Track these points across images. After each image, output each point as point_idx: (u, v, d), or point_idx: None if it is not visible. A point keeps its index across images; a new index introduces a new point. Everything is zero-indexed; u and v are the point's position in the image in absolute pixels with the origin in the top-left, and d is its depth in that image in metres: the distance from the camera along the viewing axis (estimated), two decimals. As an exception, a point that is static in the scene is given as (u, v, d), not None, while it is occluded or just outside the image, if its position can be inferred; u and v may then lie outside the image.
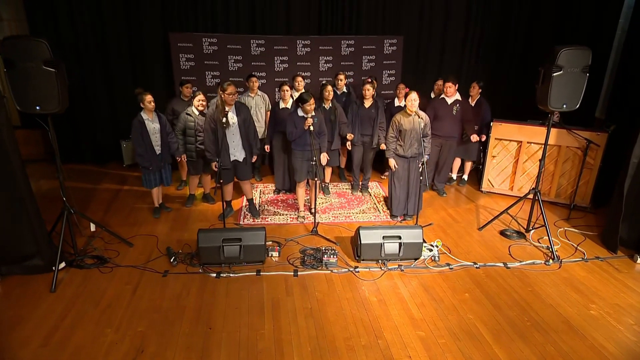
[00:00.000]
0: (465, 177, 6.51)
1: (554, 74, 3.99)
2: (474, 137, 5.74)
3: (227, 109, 4.57)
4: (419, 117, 4.71)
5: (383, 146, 5.67)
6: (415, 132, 4.77)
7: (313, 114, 4.76)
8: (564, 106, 4.11)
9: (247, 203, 5.32)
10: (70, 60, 6.59)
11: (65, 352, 2.99)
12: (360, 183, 6.06)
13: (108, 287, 3.74)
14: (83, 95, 6.81)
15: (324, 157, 4.95)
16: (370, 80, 5.62)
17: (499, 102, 7.30)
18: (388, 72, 7.28)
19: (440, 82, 6.15)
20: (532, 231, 4.86)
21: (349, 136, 5.51)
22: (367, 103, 5.51)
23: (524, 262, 4.27)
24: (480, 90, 6.00)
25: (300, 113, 4.80)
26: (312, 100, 4.69)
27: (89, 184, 6.25)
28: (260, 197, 5.86)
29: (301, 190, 5.17)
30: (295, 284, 3.83)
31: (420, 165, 4.77)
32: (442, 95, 5.66)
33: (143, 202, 5.54)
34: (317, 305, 3.54)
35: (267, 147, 5.71)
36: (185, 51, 6.61)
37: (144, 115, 4.82)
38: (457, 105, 5.59)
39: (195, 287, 3.77)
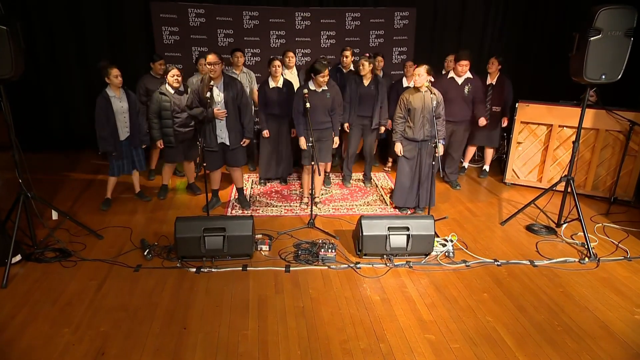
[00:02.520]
0: (487, 167, 6.32)
1: (591, 39, 3.80)
2: (482, 121, 5.54)
3: (212, 82, 4.44)
4: (431, 92, 4.53)
5: (383, 128, 5.56)
6: (427, 110, 4.59)
7: (325, 87, 4.64)
8: (603, 77, 3.92)
9: (237, 193, 5.18)
10: (39, 35, 6.54)
11: (13, 354, 2.86)
12: (363, 172, 5.89)
13: (69, 283, 3.62)
14: (55, 75, 6.74)
15: (336, 139, 4.89)
16: (368, 55, 5.47)
17: (526, 81, 7.12)
18: (399, 49, 7.12)
19: (451, 58, 5.94)
20: (564, 226, 4.67)
21: (345, 126, 5.42)
22: (366, 80, 5.36)
23: (554, 260, 4.09)
24: (500, 67, 5.81)
25: (312, 86, 4.66)
26: (326, 72, 4.60)
27: (58, 173, 6.17)
28: (252, 188, 5.71)
29: (308, 176, 5.04)
30: (286, 281, 3.69)
31: (434, 148, 4.59)
32: (451, 74, 5.47)
33: (119, 192, 5.41)
34: (310, 304, 3.39)
35: (266, 133, 5.41)
36: (169, 23, 6.50)
37: (109, 92, 4.68)
38: (469, 84, 5.40)
39: (170, 283, 3.64)
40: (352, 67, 5.94)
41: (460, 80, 5.39)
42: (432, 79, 5.50)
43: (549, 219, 4.90)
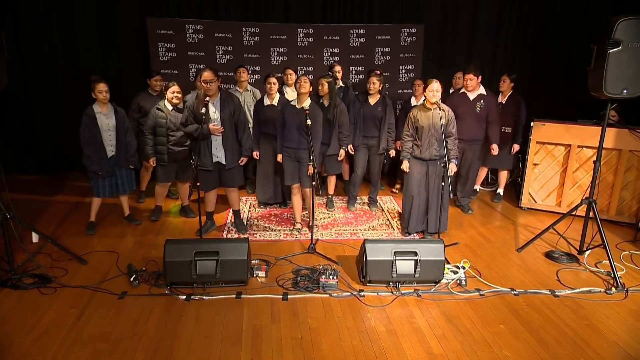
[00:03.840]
0: (501, 190, 6.22)
1: (611, 51, 3.77)
2: (494, 149, 5.48)
3: (207, 98, 4.42)
4: (440, 109, 4.48)
5: (392, 152, 5.51)
6: (435, 129, 4.55)
7: (305, 106, 4.62)
8: (624, 92, 3.87)
9: (233, 216, 5.10)
10: (29, 49, 6.60)
11: (-19, 387, 2.73)
12: (368, 196, 5.81)
13: (47, 311, 3.51)
14: (44, 92, 6.77)
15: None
16: (378, 72, 5.47)
17: (541, 99, 7.10)
18: (406, 67, 7.15)
19: (459, 75, 5.94)
20: (587, 253, 4.54)
21: (350, 148, 5.37)
22: (373, 99, 5.34)
23: (577, 290, 3.95)
24: (512, 84, 5.79)
25: (294, 101, 4.71)
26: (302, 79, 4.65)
27: (43, 195, 6.13)
28: (249, 211, 5.63)
29: (296, 198, 4.95)
30: (283, 310, 3.57)
31: (443, 168, 4.51)
32: (463, 90, 5.44)
33: (106, 215, 5.35)
34: (309, 334, 3.26)
35: (255, 154, 5.34)
36: (165, 39, 6.57)
37: (96, 108, 4.66)
38: (482, 101, 5.36)
39: (157, 311, 3.53)
40: (341, 84, 5.93)
41: (472, 96, 5.36)
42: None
43: (570, 245, 4.77)
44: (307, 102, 4.65)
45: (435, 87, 4.51)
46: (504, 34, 7.31)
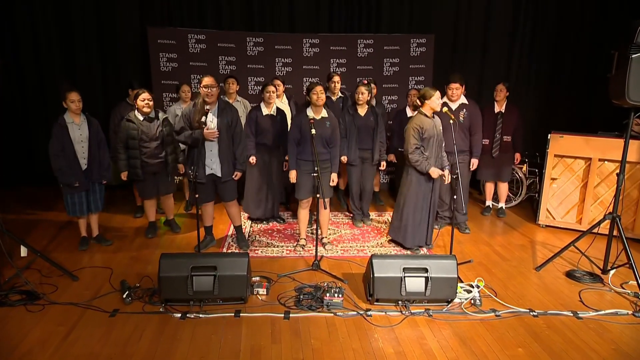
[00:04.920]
0: (502, 205, 6.17)
1: (633, 56, 3.70)
2: (474, 162, 5.40)
3: (207, 107, 4.39)
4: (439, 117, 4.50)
5: (383, 165, 5.53)
6: (440, 138, 4.60)
7: (325, 114, 4.61)
8: (648, 99, 3.78)
9: (235, 232, 5.01)
10: (27, 59, 6.65)
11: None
12: (360, 210, 5.73)
13: (33, 329, 3.42)
14: (41, 103, 6.80)
15: (334, 176, 4.77)
16: (366, 82, 5.41)
17: (559, 110, 7.03)
18: (416, 78, 7.12)
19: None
20: (612, 272, 4.39)
21: (343, 158, 5.27)
22: (362, 110, 5.31)
23: (602, 312, 3.81)
24: (507, 94, 5.79)
25: (310, 114, 4.61)
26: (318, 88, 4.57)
27: (36, 210, 6.10)
28: (251, 226, 5.55)
29: (304, 212, 4.87)
30: (285, 329, 3.46)
31: (455, 180, 4.44)
32: (444, 100, 5.26)
33: (101, 230, 5.28)
34: (311, 355, 3.15)
35: (252, 159, 5.21)
36: (167, 49, 6.60)
37: (67, 117, 4.56)
38: (464, 110, 5.29)
39: (150, 329, 3.44)
40: (339, 94, 5.90)
41: (454, 106, 5.28)
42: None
43: (593, 264, 4.63)
44: (324, 112, 4.66)
45: (437, 95, 4.56)
46: (518, 43, 7.29)
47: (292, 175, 4.72)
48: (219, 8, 6.86)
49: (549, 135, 5.54)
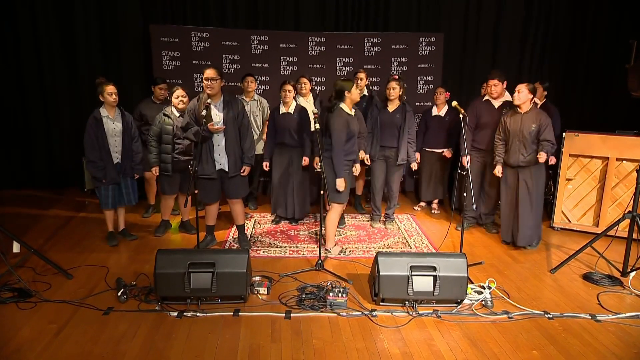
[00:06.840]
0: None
1: (652, 44, 3.61)
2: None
3: (209, 100, 4.33)
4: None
5: (414, 165, 5.35)
6: (523, 134, 4.72)
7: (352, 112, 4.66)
8: (668, 90, 3.67)
9: (237, 231, 4.93)
10: (27, 58, 6.64)
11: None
12: (384, 212, 5.61)
13: (23, 327, 3.35)
14: (41, 102, 6.78)
15: (356, 168, 4.80)
16: (397, 77, 5.33)
17: (573, 108, 6.92)
18: (424, 77, 7.03)
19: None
20: (632, 274, 4.25)
21: (361, 154, 5.18)
22: (392, 106, 5.23)
23: (622, 315, 3.67)
24: (545, 93, 5.65)
25: (347, 109, 4.58)
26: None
27: (34, 210, 6.06)
28: (254, 228, 5.46)
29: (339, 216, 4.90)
30: (285, 329, 3.37)
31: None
32: (486, 97, 5.27)
33: (100, 230, 5.23)
34: (313, 356, 3.05)
35: (265, 165, 5.39)
36: (170, 47, 6.57)
37: (102, 111, 4.65)
38: (507, 108, 5.19)
39: (145, 328, 3.35)
40: (365, 92, 5.84)
41: (497, 104, 5.18)
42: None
43: (612, 266, 4.48)
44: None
45: (519, 87, 4.70)
46: (530, 40, 7.20)
47: (341, 183, 4.49)
48: (222, 5, 6.83)
49: (564, 133, 5.42)
